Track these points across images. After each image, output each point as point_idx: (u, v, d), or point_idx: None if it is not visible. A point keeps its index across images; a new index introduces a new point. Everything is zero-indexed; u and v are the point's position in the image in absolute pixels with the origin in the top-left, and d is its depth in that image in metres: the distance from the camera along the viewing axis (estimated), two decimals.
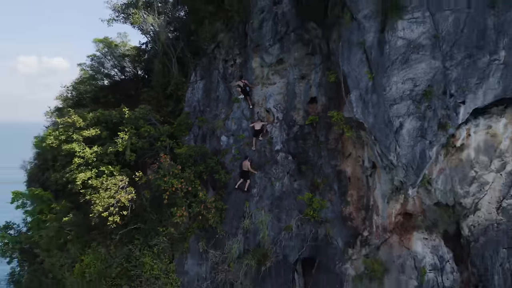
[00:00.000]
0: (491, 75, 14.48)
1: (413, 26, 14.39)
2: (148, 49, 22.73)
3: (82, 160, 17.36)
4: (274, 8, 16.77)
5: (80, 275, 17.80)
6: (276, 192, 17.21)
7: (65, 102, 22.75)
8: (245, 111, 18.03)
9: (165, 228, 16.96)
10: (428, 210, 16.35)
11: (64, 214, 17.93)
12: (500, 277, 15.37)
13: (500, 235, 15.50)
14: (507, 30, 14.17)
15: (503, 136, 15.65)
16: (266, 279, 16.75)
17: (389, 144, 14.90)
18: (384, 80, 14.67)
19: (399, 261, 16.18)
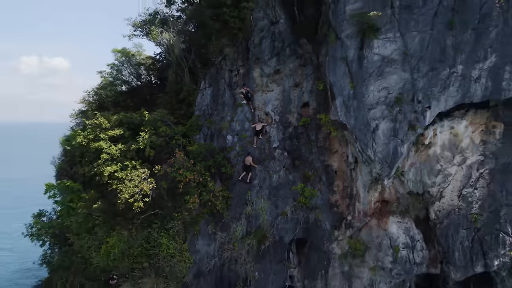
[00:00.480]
0: (451, 85, 17.47)
1: (386, 44, 17.38)
2: (161, 58, 25.74)
3: (109, 156, 20.34)
4: (272, 28, 19.79)
5: (106, 255, 20.73)
6: (274, 183, 20.21)
7: (88, 105, 25.73)
8: (247, 114, 21.05)
9: (179, 213, 19.92)
10: (401, 197, 19.38)
11: (92, 202, 20.92)
12: (460, 253, 18.36)
13: (461, 218, 18.49)
14: (463, 48, 17.15)
15: (464, 135, 18.65)
16: (265, 256, 19.76)
17: (367, 142, 17.89)
18: (363, 89, 17.66)
19: (377, 240, 19.19)
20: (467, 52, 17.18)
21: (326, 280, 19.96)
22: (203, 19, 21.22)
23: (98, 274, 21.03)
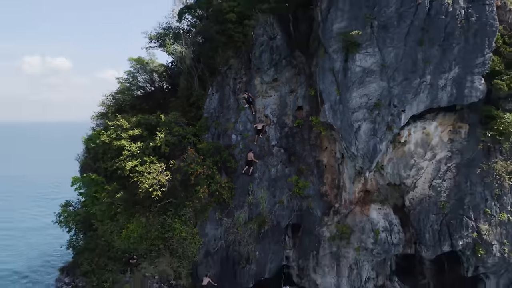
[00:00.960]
0: (422, 92, 20.66)
1: (366, 57, 20.56)
2: (172, 66, 28.99)
3: (129, 152, 23.50)
4: (271, 42, 23.00)
5: (126, 238, 23.92)
6: (272, 176, 23.41)
7: (108, 108, 28.96)
8: (249, 116, 24.24)
9: (190, 202, 23.09)
10: (381, 188, 22.60)
11: (114, 193, 24.07)
12: (430, 235, 21.58)
13: (431, 205, 21.70)
14: (431, 61, 20.33)
15: (434, 135, 21.86)
16: (264, 239, 22.96)
17: (351, 140, 21.08)
18: (347, 95, 20.85)
19: (361, 225, 22.37)
20: (435, 64, 20.37)
21: (317, 259, 23.20)
22: (211, 33, 24.43)
23: (120, 255, 24.12)
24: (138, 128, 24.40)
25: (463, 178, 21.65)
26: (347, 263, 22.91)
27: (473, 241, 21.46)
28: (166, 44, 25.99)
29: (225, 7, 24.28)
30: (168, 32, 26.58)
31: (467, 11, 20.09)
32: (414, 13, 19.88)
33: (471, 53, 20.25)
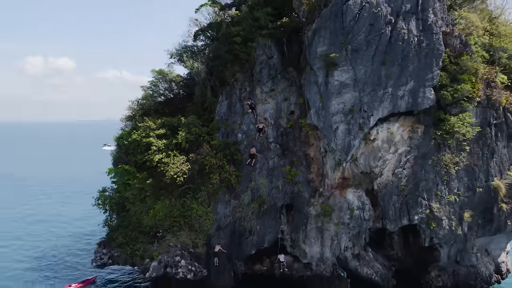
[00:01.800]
0: (385, 100, 26.63)
1: (343, 73, 26.54)
2: (189, 77, 35.03)
3: (156, 148, 29.47)
4: (269, 61, 29.05)
5: (153, 216, 29.91)
6: (270, 166, 29.44)
7: (135, 112, 34.96)
8: (251, 119, 30.25)
9: (205, 187, 29.05)
10: (356, 175, 28.62)
11: (144, 180, 30.03)
12: (393, 211, 27.58)
13: (394, 189, 27.68)
14: (392, 76, 26.27)
15: (396, 133, 27.84)
16: (264, 216, 28.98)
17: (331, 138, 27.07)
18: (328, 103, 26.83)
19: (340, 204, 28.37)
20: (395, 79, 26.35)
21: (305, 233, 29.23)
22: (221, 52, 30.52)
23: (148, 230, 30.16)
24: (163, 128, 30.43)
25: (419, 167, 27.66)
26: (329, 235, 28.96)
27: (427, 216, 27.46)
28: (184, 61, 32.15)
29: (232, 31, 30.42)
30: (186, 51, 32.73)
31: (419, 38, 26.09)
32: (378, 40, 25.88)
33: (422, 71, 26.23)
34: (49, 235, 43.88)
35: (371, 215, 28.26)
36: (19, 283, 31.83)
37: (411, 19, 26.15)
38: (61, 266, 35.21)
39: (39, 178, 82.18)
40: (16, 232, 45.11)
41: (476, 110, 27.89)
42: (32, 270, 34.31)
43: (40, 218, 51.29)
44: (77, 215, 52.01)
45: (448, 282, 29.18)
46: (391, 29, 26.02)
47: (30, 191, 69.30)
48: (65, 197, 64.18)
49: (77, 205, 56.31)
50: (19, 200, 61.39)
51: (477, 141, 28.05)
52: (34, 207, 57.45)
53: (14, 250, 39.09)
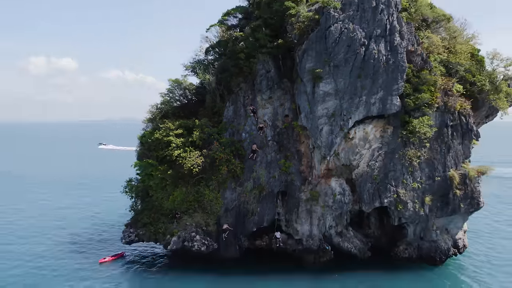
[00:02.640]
0: (360, 106, 33.17)
1: (326, 85, 33.11)
2: (200, 86, 41.60)
3: (175, 145, 36.06)
4: (267, 74, 35.65)
5: (172, 201, 36.51)
6: (268, 160, 35.99)
7: (155, 115, 41.51)
8: (253, 121, 36.77)
9: (215, 176, 35.63)
10: (338, 167, 35.19)
11: (165, 171, 36.51)
12: (367, 196, 34.12)
13: (368, 178, 34.22)
14: (365, 87, 32.80)
15: (370, 133, 34.39)
16: (263, 200, 35.57)
17: (317, 137, 33.64)
18: (315, 108, 33.40)
19: (325, 191, 34.93)
20: (368, 90, 32.88)
21: (297, 214, 35.79)
22: (228, 66, 37.11)
23: (168, 212, 36.71)
24: (180, 128, 37.01)
25: (388, 160, 34.20)
26: (316, 216, 35.50)
27: (395, 200, 34.00)
28: (197, 73, 38.88)
29: (237, 48, 37.01)
30: (198, 64, 39.42)
31: (387, 57, 32.64)
32: (354, 58, 32.44)
33: (390, 83, 32.77)
34: (77, 220, 50.63)
35: (350, 199, 34.80)
36: (62, 255, 38.42)
37: (381, 41, 32.71)
38: (92, 245, 41.84)
39: (50, 175, 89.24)
40: (51, 214, 51.92)
41: (435, 114, 34.43)
42: (68, 246, 40.95)
43: (60, 206, 58.10)
44: (92, 203, 58.92)
45: (413, 254, 35.74)
46: (365, 50, 32.57)
47: (34, 186, 76.22)
48: (83, 190, 71.12)
49: (94, 196, 63.32)
50: (29, 194, 68.33)
51: (436, 139, 34.60)
52: (52, 197, 64.31)
53: (52, 231, 45.82)
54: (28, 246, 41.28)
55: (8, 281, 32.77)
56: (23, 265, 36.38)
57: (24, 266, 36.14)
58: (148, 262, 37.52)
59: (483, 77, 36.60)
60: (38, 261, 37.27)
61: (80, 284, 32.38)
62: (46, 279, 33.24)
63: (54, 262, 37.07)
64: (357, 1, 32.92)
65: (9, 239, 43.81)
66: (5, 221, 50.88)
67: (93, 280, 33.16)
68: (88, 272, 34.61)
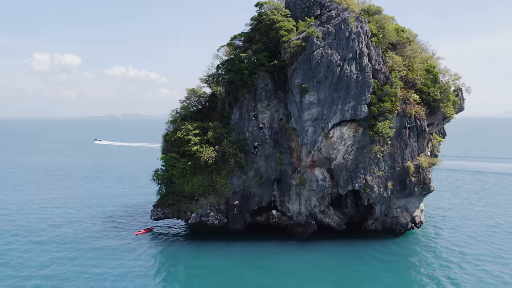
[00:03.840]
0: (337, 112, 43.25)
1: (311, 96, 43.20)
2: (212, 94, 51.70)
3: (193, 142, 46.26)
4: (265, 86, 45.78)
5: (191, 186, 46.68)
6: (266, 154, 46.15)
7: (176, 117, 51.63)
8: (255, 124, 46.88)
9: (225, 166, 45.84)
10: (320, 159, 45.37)
11: (185, 163, 46.68)
12: (342, 181, 44.30)
13: (343, 168, 44.40)
14: (341, 98, 42.84)
15: (345, 133, 44.52)
16: (262, 185, 45.79)
17: (304, 136, 43.78)
18: (302, 114, 43.51)
19: (310, 178, 45.09)
20: (343, 100, 42.95)
21: (289, 196, 45.99)
22: (235, 80, 47.22)
23: (188, 195, 46.92)
24: (197, 129, 47.16)
25: (359, 154, 44.32)
26: (304, 198, 45.66)
27: (364, 185, 44.12)
28: (210, 85, 49.12)
29: (242, 66, 47.03)
30: (211, 78, 49.64)
31: (357, 75, 42.67)
32: (332, 76, 42.50)
33: (359, 95, 42.81)
34: (109, 204, 60.98)
35: (330, 184, 44.95)
36: (105, 230, 48.69)
37: (352, 63, 42.78)
38: (127, 222, 52.16)
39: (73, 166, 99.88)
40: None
41: (395, 118, 44.49)
42: (108, 224, 51.29)
43: (83, 194, 68.55)
44: (118, 192, 69.36)
45: (379, 227, 45.92)
46: (340, 69, 42.63)
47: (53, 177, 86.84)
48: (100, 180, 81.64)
49: (116, 186, 73.77)
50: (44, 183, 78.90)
51: (396, 137, 44.68)
52: (74, 185, 74.82)
53: (94, 210, 56.22)
54: (78, 225, 51.70)
55: (69, 247, 43.11)
56: (76, 239, 46.78)
57: (76, 239, 46.50)
58: (173, 233, 47.92)
59: (436, 89, 46.60)
60: (87, 234, 47.63)
61: (125, 248, 42.65)
62: (98, 247, 43.51)
63: (102, 234, 47.43)
64: (334, 31, 42.99)
65: (59, 221, 54.26)
66: (49, 206, 61.36)
67: (133, 246, 43.44)
68: (128, 241, 44.95)
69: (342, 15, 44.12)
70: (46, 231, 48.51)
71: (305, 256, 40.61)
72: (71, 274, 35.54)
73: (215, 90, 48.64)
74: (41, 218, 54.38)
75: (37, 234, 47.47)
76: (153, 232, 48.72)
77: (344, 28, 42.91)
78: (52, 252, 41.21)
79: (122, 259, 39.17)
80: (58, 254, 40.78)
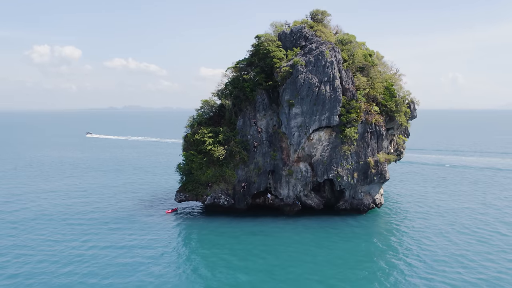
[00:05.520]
0: (316, 121, 58.17)
1: (296, 109, 58.09)
2: (221, 105, 66.50)
3: (208, 142, 61.15)
4: (262, 101, 60.61)
5: (206, 176, 61.67)
6: (263, 151, 61.14)
7: (193, 122, 66.48)
8: (255, 129, 61.74)
9: (232, 161, 60.81)
10: (304, 156, 60.45)
11: (201, 158, 61.66)
12: (320, 172, 59.36)
13: (321, 162, 59.46)
14: (319, 111, 57.77)
15: (322, 136, 59.53)
16: (260, 175, 60.91)
17: (291, 138, 58.76)
18: (289, 122, 58.41)
19: (296, 169, 60.15)
20: (320, 112, 57.86)
21: (280, 184, 61.13)
22: (239, 95, 62.08)
23: (203, 183, 61.93)
24: (211, 133, 62.07)
25: (333, 152, 59.33)
26: (291, 185, 60.76)
27: (336, 175, 59.15)
28: (221, 99, 64.01)
29: (245, 85, 61.83)
30: (221, 93, 64.50)
31: (330, 93, 57.54)
32: (312, 94, 57.37)
33: (332, 108, 57.70)
34: (138, 189, 76.07)
35: (311, 174, 60.01)
36: (140, 209, 63.74)
37: (327, 84, 57.65)
38: (156, 202, 67.30)
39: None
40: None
41: (360, 125, 59.42)
42: (142, 204, 66.38)
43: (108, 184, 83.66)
44: (143, 180, 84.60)
45: (347, 206, 61.05)
46: (318, 89, 57.49)
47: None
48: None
49: (141, 175, 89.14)
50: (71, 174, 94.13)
51: (361, 139, 59.65)
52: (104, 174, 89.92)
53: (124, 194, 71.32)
54: (117, 207, 66.87)
55: (113, 222, 58.24)
56: (117, 216, 61.95)
57: (118, 216, 61.65)
58: (193, 212, 63.10)
59: (392, 102, 61.50)
60: (125, 213, 62.74)
61: (159, 222, 57.76)
62: (137, 221, 58.61)
63: (139, 213, 62.57)
64: (313, 61, 57.80)
65: (100, 203, 69.46)
66: (89, 192, 76.57)
67: (164, 221, 58.57)
68: (160, 218, 60.03)
69: (320, 48, 58.94)
70: (92, 211, 63.58)
71: (290, 227, 55.69)
72: (118, 240, 50.52)
73: (224, 102, 63.52)
74: (85, 202, 69.48)
75: (83, 213, 62.46)
76: (177, 211, 63.82)
77: (321, 58, 57.76)
78: (99, 226, 56.22)
79: (159, 230, 54.21)
80: (103, 226, 55.83)
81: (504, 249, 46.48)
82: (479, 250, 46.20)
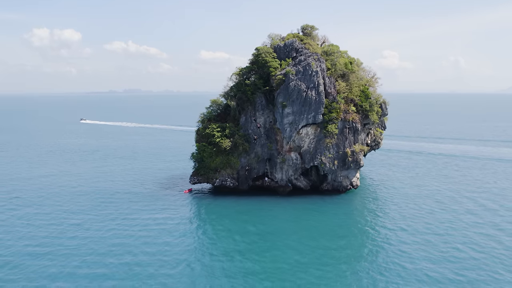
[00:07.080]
0: (304, 119, 72.32)
1: (289, 110, 72.17)
2: (227, 105, 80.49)
3: (217, 135, 75.32)
4: (261, 102, 74.59)
5: (215, 163, 76.06)
6: (262, 143, 75.41)
7: (203, 118, 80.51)
8: (255, 125, 75.84)
9: (235, 151, 75.09)
10: (294, 147, 74.89)
11: (211, 148, 75.91)
12: (308, 159, 73.88)
13: (308, 152, 73.84)
14: (306, 110, 71.90)
15: (309, 131, 73.82)
16: (259, 162, 75.43)
17: (284, 133, 73.01)
18: (283, 120, 72.56)
19: (288, 158, 74.61)
20: (307, 112, 71.94)
21: (275, 169, 75.71)
22: (242, 97, 76.10)
23: (213, 168, 76.39)
24: (219, 128, 76.23)
25: (317, 144, 73.64)
26: (284, 170, 75.29)
27: (320, 162, 73.56)
28: (227, 100, 77.97)
29: (246, 89, 75.78)
30: (226, 94, 78.38)
31: (316, 97, 71.54)
32: (300, 98, 71.39)
33: (317, 109, 71.76)
34: (157, 173, 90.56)
35: (300, 162, 74.46)
36: (161, 190, 78.26)
37: (313, 90, 71.68)
38: (175, 183, 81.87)
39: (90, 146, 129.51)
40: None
41: (339, 122, 73.62)
42: (162, 185, 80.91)
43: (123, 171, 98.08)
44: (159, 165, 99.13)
45: (329, 188, 75.70)
46: (305, 94, 71.55)
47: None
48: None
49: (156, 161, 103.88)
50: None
51: (340, 134, 73.92)
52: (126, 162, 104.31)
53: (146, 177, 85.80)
54: (140, 187, 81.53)
55: (137, 199, 72.92)
56: (141, 194, 76.63)
57: (141, 196, 76.31)
58: (204, 192, 77.83)
59: (367, 103, 75.60)
60: (145, 192, 77.38)
61: (178, 199, 72.42)
62: (160, 198, 73.23)
63: (161, 193, 77.22)
64: (302, 70, 71.72)
65: (126, 184, 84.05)
66: (113, 176, 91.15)
67: (183, 199, 73.22)
68: (179, 197, 74.66)
69: (307, 60, 72.72)
70: (118, 190, 78.13)
71: (283, 204, 70.33)
72: (147, 214, 65.11)
73: (229, 102, 77.61)
74: (111, 182, 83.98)
75: (110, 193, 76.95)
76: (192, 191, 78.44)
77: (308, 68, 71.65)
78: (126, 203, 70.78)
79: (179, 206, 68.83)
80: (129, 204, 70.41)
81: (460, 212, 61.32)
82: (439, 217, 61.01)
